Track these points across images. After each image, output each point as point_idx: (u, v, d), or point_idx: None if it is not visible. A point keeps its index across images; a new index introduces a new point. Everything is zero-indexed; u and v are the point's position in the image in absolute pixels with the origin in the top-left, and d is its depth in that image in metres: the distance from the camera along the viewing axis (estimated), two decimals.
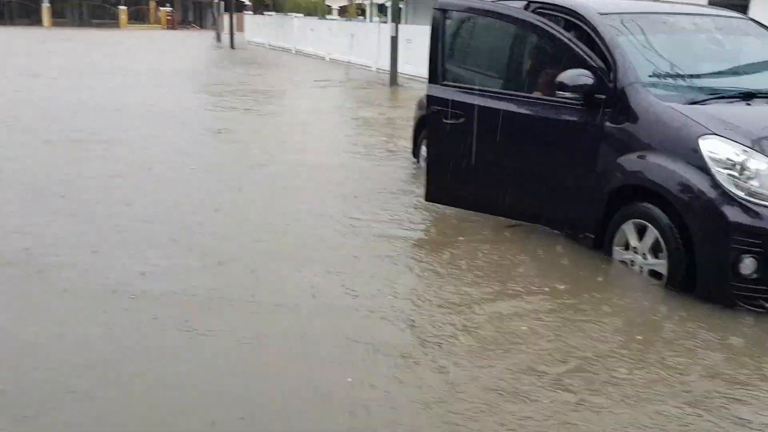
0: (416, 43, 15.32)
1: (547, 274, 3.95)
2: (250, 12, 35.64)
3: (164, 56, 21.03)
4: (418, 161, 6.54)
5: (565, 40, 4.32)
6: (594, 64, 4.10)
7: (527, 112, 4.54)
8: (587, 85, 4.06)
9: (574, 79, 4.08)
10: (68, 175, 6.05)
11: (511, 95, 4.68)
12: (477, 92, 4.77)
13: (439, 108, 4.86)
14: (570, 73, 4.10)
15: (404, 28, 15.54)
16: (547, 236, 4.51)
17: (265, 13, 34.03)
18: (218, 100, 11.75)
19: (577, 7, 4.52)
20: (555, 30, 4.40)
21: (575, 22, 4.44)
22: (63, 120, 8.88)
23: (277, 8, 37.90)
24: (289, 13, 31.06)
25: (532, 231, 4.60)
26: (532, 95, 4.58)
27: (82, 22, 43.08)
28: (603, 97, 4.05)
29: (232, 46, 26.17)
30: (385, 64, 15.45)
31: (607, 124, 4.05)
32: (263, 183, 6.12)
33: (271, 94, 13.13)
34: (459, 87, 4.88)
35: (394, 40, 14.28)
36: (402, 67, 14.65)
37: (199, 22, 48.39)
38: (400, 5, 17.19)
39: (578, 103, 4.16)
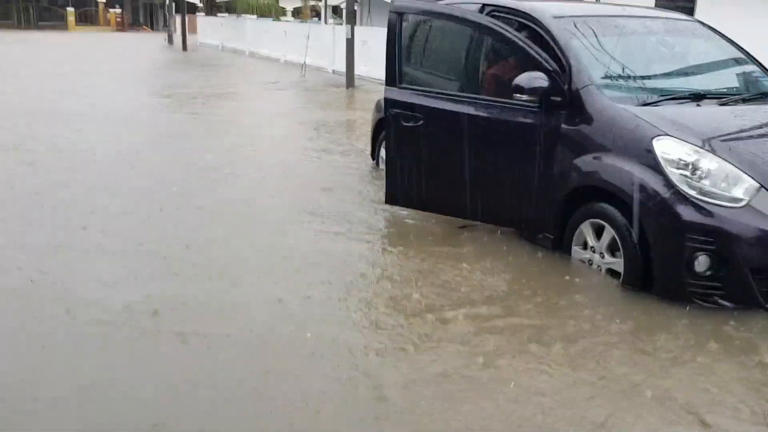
0: (372, 45, 15.35)
1: (503, 274, 3.99)
2: (203, 13, 35.16)
3: (114, 59, 20.59)
4: (377, 164, 6.53)
5: (521, 43, 4.35)
6: (549, 67, 4.14)
7: (485, 114, 4.56)
8: (543, 87, 4.10)
9: (530, 81, 4.12)
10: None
11: (468, 98, 4.70)
12: (434, 95, 4.79)
13: (397, 111, 4.85)
14: (526, 75, 4.13)
15: (360, 30, 15.54)
16: (505, 237, 4.55)
17: (218, 14, 33.60)
18: (170, 103, 11.56)
19: (532, 10, 4.57)
20: (510, 33, 4.43)
21: (530, 25, 4.49)
22: (5, 126, 8.61)
23: (230, 10, 37.43)
24: (242, 15, 30.74)
25: (490, 232, 4.64)
26: (489, 98, 4.60)
27: (28, 24, 41.88)
28: (559, 99, 4.10)
29: (184, 48, 25.74)
30: (341, 65, 15.42)
31: (563, 126, 4.10)
32: (210, 187, 5.95)
33: (225, 97, 12.94)
34: (416, 90, 4.88)
35: (350, 42, 14.26)
36: (358, 69, 14.64)
37: (150, 24, 47.52)
38: (356, 7, 17.16)
39: (535, 105, 4.20)
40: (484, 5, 4.90)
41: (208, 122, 9.74)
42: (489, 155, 4.58)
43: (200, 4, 39.68)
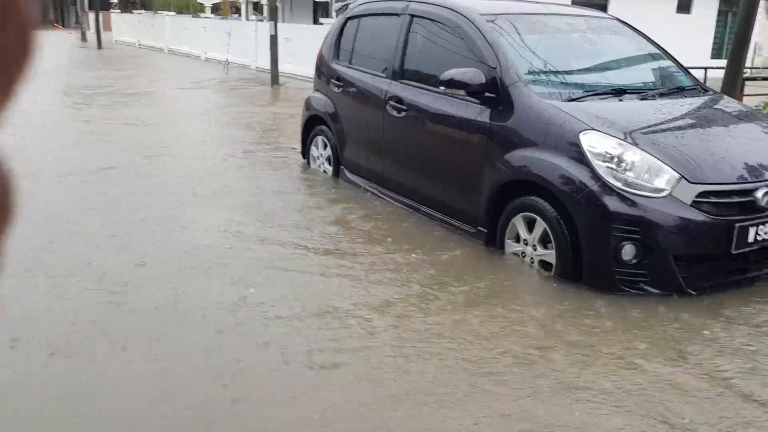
0: (295, 42, 15.21)
1: (435, 266, 4.06)
2: (118, 10, 33.92)
3: None
4: (308, 162, 6.48)
5: (453, 40, 4.47)
6: (486, 63, 4.25)
7: (428, 105, 4.75)
8: (477, 83, 4.20)
9: (464, 77, 4.24)
10: None
11: (414, 85, 4.95)
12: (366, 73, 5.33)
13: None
14: (460, 71, 4.26)
15: (283, 27, 15.37)
16: (442, 230, 4.62)
17: (133, 11, 32.49)
18: (83, 103, 11.04)
19: (459, 8, 4.68)
20: (443, 29, 4.56)
21: (459, 23, 4.59)
22: None
23: (146, 6, 36.28)
24: (159, 11, 29.85)
25: (426, 225, 4.70)
26: (431, 88, 4.73)
27: None
28: (493, 95, 4.20)
29: (99, 46, 24.76)
30: (264, 62, 15.21)
31: (494, 121, 4.19)
32: (130, 193, 5.65)
33: (143, 96, 12.39)
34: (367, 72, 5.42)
35: (274, 39, 14.08)
36: (282, 66, 14.48)
37: (62, 21, 45.47)
38: (278, 3, 16.94)
39: (470, 99, 4.31)
40: (412, 2, 5.05)
41: (123, 124, 9.23)
42: (429, 146, 4.78)
43: (114, 1, 38.26)
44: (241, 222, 4.81)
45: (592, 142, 3.74)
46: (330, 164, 6.12)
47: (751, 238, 3.63)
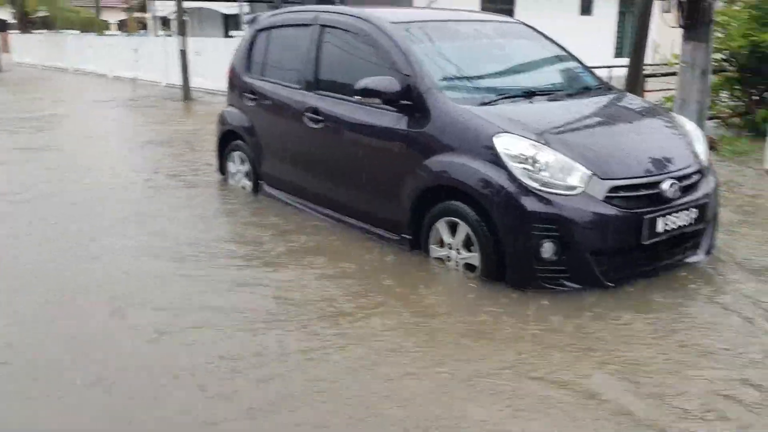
0: (206, 56, 14.91)
1: (363, 273, 4.08)
2: (17, 31, 32.33)
3: None
4: (225, 178, 6.35)
5: (366, 50, 4.51)
6: (401, 71, 4.29)
7: (345, 115, 4.74)
8: (392, 91, 4.22)
9: (379, 85, 4.26)
10: None
11: (330, 96, 4.93)
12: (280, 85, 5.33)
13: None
14: (374, 80, 4.28)
15: (193, 41, 15.04)
16: (368, 239, 4.61)
17: (33, 31, 31.04)
18: None
19: (370, 17, 4.71)
20: (356, 39, 4.59)
21: (371, 32, 4.61)
22: None
23: (48, 25, 34.70)
24: (62, 31, 28.65)
25: (353, 233, 4.68)
26: (348, 98, 4.72)
27: None
28: (408, 102, 4.22)
29: None
30: (175, 78, 14.87)
31: (413, 128, 4.22)
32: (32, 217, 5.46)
33: (46, 119, 11.74)
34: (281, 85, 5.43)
35: (183, 54, 13.76)
36: (193, 81, 14.17)
37: None
38: (186, 17, 16.58)
39: (386, 107, 4.33)
40: (322, 12, 5.06)
41: (26, 149, 8.72)
42: (349, 156, 4.76)
43: (12, 21, 36.47)
44: (156, 245, 4.64)
45: (506, 145, 3.81)
46: (248, 179, 6.01)
47: (660, 229, 3.79)
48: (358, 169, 4.70)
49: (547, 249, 3.69)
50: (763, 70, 9.38)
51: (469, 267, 3.99)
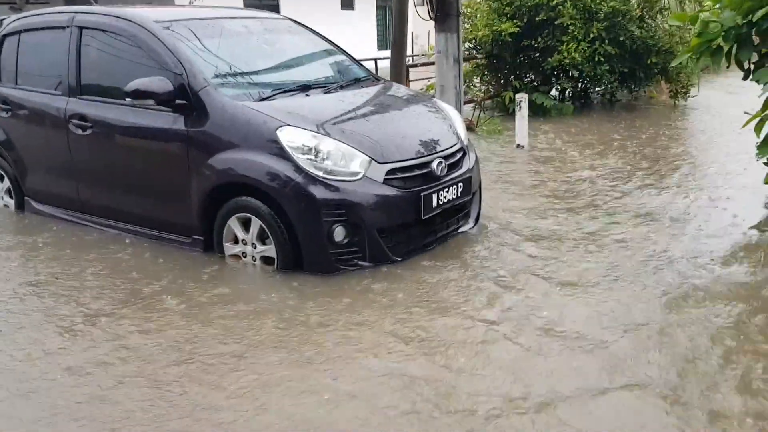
0: None
1: (158, 279, 3.99)
2: None
3: None
4: None
5: (131, 50, 4.37)
6: (171, 71, 4.19)
7: (116, 119, 4.55)
8: (164, 91, 4.12)
9: (150, 86, 4.12)
10: None
11: (97, 101, 4.68)
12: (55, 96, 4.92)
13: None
14: (145, 81, 4.14)
15: None
16: (155, 243, 4.48)
17: None
18: None
19: (131, 16, 4.55)
20: (119, 40, 4.43)
21: (135, 32, 4.45)
22: None
23: None
24: None
25: (139, 239, 4.51)
26: (118, 101, 4.51)
27: None
28: (184, 102, 4.15)
29: None
30: None
31: (191, 128, 4.16)
32: None
33: None
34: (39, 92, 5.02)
35: None
36: None
37: None
38: None
39: (161, 108, 4.22)
40: (78, 13, 4.79)
41: None
42: (127, 161, 4.58)
43: None
44: None
45: (289, 137, 3.93)
46: (11, 197, 5.47)
47: (434, 204, 4.18)
48: (137, 175, 4.53)
49: (339, 233, 3.88)
50: (504, 57, 10.57)
51: (268, 260, 4.06)
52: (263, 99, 4.25)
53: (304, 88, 4.56)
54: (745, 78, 4.88)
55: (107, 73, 4.70)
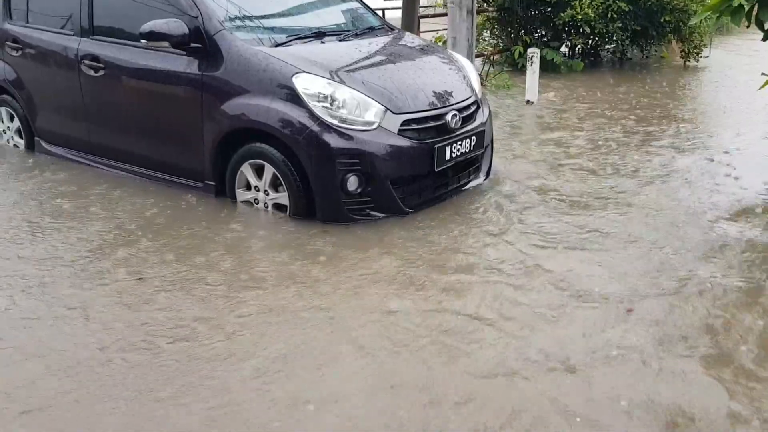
0: None
1: (175, 222, 4.01)
2: None
3: None
4: None
5: None
6: (187, 13, 4.15)
7: (129, 61, 4.52)
8: (180, 34, 4.08)
9: (165, 28, 4.09)
10: None
11: (110, 41, 4.64)
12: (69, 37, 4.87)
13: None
14: (163, 22, 4.09)
15: None
16: (173, 188, 4.50)
17: None
18: None
19: None
20: None
21: None
22: None
23: None
24: None
25: (156, 184, 4.54)
26: (131, 42, 4.48)
27: None
28: (199, 45, 4.11)
29: None
30: None
31: (206, 72, 4.13)
32: None
33: None
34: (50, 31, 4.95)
35: None
36: None
37: None
38: None
39: (175, 51, 4.20)
40: None
41: None
42: (142, 103, 4.56)
43: None
44: None
45: (305, 84, 3.90)
46: (21, 137, 5.47)
47: (448, 156, 4.18)
48: (149, 118, 4.52)
49: (352, 182, 3.89)
50: (516, 10, 10.40)
51: (280, 207, 4.08)
52: (278, 45, 4.21)
53: (319, 35, 4.51)
54: (765, 39, 4.82)
55: (121, 13, 4.63)
